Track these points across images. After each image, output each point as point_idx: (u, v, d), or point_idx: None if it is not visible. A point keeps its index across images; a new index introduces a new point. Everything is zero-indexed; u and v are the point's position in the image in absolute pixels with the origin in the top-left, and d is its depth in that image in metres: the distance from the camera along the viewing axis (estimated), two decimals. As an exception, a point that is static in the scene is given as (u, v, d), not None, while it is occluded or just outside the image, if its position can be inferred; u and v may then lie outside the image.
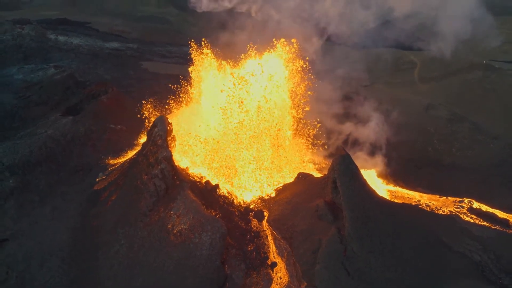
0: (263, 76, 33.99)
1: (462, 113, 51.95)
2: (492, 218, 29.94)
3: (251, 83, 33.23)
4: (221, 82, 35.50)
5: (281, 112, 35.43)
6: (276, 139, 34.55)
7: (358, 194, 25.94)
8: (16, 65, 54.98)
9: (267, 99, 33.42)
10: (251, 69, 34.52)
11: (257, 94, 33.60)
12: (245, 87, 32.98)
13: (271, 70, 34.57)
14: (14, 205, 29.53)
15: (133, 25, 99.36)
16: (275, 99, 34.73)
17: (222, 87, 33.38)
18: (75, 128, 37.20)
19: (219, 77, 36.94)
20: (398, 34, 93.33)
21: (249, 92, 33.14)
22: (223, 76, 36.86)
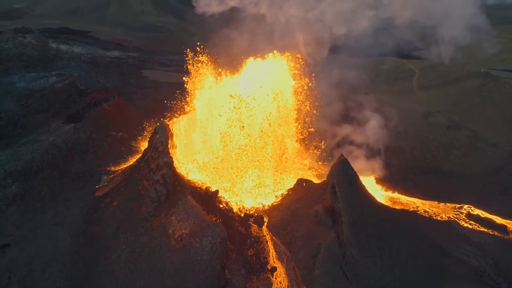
0: (266, 97, 34.24)
1: (460, 120, 52.36)
2: (490, 224, 30.18)
3: (253, 106, 33.37)
4: (219, 97, 35.49)
5: (285, 130, 35.83)
6: (280, 162, 34.92)
7: (356, 199, 26.26)
8: (18, 73, 55.50)
9: (271, 123, 33.70)
10: (252, 86, 34.50)
11: (259, 115, 33.85)
12: (246, 111, 33.14)
13: (274, 86, 34.82)
14: (16, 211, 29.83)
15: (134, 34, 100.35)
16: (279, 121, 35.01)
17: (222, 108, 33.51)
18: (76, 135, 37.54)
19: (216, 89, 36.50)
20: (396, 43, 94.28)
21: (251, 115, 33.40)
22: (221, 88, 36.50)
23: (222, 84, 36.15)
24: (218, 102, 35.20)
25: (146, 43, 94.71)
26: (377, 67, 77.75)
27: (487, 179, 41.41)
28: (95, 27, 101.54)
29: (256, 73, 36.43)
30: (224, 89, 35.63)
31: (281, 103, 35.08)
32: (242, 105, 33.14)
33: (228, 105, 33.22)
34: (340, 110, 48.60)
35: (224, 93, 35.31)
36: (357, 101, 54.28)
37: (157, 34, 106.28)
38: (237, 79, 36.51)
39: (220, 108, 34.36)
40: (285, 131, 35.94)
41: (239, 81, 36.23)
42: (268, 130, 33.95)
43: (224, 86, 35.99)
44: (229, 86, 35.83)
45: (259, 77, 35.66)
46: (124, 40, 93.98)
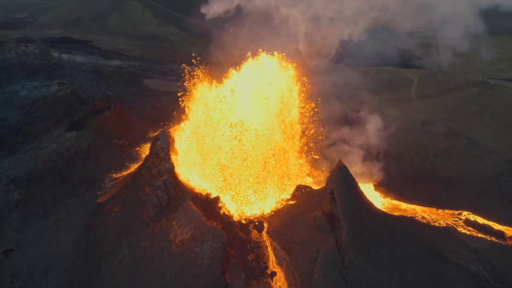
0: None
1: (458, 128, 52.87)
2: (488, 230, 30.52)
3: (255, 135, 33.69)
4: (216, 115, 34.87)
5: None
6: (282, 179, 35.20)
7: (355, 205, 26.63)
8: (20, 82, 56.17)
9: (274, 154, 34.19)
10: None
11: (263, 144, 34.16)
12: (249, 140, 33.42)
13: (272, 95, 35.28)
14: (19, 217, 30.20)
15: (134, 44, 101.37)
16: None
17: (222, 137, 33.42)
18: (78, 143, 37.97)
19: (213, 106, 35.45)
20: (395, 53, 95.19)
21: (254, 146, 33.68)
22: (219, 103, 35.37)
23: (220, 101, 35.08)
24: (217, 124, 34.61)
25: (147, 52, 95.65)
26: (376, 76, 78.59)
27: (485, 186, 41.74)
28: (96, 37, 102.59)
29: (258, 89, 36.09)
30: (223, 106, 34.79)
31: (286, 126, 35.59)
32: (245, 135, 33.18)
33: (229, 135, 33.14)
34: (339, 118, 49.01)
35: (222, 111, 34.73)
36: (356, 110, 54.76)
37: (157, 43, 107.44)
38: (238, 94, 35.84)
39: (218, 132, 34.04)
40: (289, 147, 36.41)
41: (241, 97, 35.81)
42: (272, 160, 34.32)
43: (222, 104, 35.05)
44: (228, 103, 35.02)
45: (262, 92, 35.58)
46: (125, 49, 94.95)
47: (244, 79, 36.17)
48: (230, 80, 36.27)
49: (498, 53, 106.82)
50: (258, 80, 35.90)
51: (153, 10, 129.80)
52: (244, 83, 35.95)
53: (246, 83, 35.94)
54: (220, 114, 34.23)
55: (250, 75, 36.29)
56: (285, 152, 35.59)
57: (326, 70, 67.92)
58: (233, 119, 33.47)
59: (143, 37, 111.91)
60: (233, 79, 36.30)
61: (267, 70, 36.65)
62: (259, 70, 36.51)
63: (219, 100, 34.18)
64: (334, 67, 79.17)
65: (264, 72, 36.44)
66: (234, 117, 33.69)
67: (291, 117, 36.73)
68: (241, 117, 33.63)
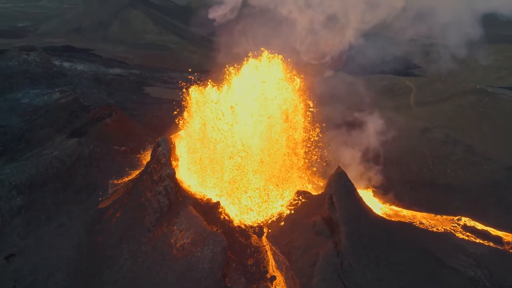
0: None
1: (457, 135, 53.31)
2: (486, 236, 30.73)
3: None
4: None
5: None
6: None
7: (354, 209, 26.98)
8: (22, 90, 56.76)
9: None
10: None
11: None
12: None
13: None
14: (21, 223, 30.54)
15: (135, 52, 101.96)
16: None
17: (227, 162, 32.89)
18: (80, 149, 38.35)
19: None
20: (394, 61, 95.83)
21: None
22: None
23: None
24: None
25: (148, 60, 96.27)
26: (375, 84, 79.09)
27: (483, 192, 42.12)
28: (97, 45, 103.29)
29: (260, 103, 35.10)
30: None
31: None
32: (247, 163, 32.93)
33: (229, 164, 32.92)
34: (338, 124, 49.37)
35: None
36: (354, 117, 55.18)
37: (158, 52, 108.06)
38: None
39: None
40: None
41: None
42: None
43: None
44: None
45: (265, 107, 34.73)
46: (126, 57, 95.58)
47: (246, 94, 35.07)
48: (230, 94, 35.43)
49: (497, 61, 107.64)
50: (261, 96, 34.84)
51: (153, 19, 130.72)
52: (246, 98, 34.90)
53: (248, 98, 34.83)
54: (219, 135, 33.41)
55: (252, 91, 35.17)
56: (288, 171, 35.45)
57: (326, 77, 68.65)
58: (233, 148, 32.69)
59: (144, 45, 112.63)
60: (234, 93, 35.45)
61: (270, 83, 35.78)
62: (262, 86, 35.31)
63: (218, 118, 33.40)
64: (334, 74, 79.90)
65: (267, 88, 35.35)
66: (234, 143, 32.86)
67: (295, 137, 36.24)
68: (242, 141, 32.97)
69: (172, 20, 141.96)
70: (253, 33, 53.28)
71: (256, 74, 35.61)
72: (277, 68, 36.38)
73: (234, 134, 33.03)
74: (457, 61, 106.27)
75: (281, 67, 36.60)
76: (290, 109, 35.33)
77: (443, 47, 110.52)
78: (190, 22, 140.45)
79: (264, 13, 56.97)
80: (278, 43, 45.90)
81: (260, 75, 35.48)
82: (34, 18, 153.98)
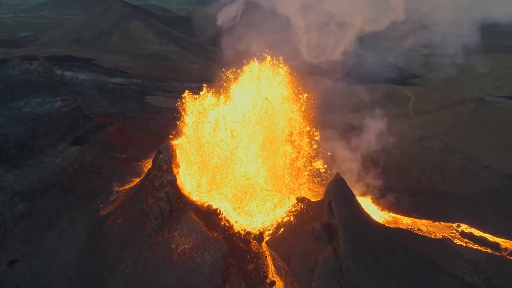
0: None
1: (455, 144, 53.82)
2: (483, 242, 31.05)
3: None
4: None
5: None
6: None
7: (352, 215, 27.33)
8: (24, 99, 57.25)
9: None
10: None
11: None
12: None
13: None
14: (24, 229, 30.91)
15: (136, 62, 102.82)
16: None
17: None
18: (82, 157, 38.81)
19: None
20: (393, 70, 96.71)
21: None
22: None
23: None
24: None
25: (148, 70, 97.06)
26: (375, 93, 79.70)
27: (481, 199, 42.44)
28: (98, 55, 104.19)
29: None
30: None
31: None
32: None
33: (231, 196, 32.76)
34: (338, 132, 49.82)
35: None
36: (354, 126, 55.72)
37: (159, 61, 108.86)
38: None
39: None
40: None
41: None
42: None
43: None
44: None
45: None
46: (127, 67, 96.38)
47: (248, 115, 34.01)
48: (231, 110, 34.43)
49: (494, 71, 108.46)
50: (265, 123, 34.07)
51: (154, 29, 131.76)
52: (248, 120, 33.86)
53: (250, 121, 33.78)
54: (219, 162, 32.98)
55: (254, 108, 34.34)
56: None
57: (326, 87, 69.25)
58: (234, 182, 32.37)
59: (145, 55, 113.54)
60: (235, 110, 34.54)
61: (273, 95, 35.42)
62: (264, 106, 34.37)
63: (217, 144, 33.05)
64: (333, 84, 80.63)
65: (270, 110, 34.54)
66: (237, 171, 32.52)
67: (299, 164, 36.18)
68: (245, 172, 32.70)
69: (173, 30, 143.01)
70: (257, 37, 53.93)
71: (259, 87, 35.21)
72: (282, 82, 36.39)
73: (235, 161, 32.64)
74: (456, 71, 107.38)
75: (286, 77, 36.76)
76: (295, 134, 35.47)
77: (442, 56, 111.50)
78: (191, 32, 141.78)
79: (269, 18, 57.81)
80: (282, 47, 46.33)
81: (262, 86, 35.31)
82: (35, 28, 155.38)
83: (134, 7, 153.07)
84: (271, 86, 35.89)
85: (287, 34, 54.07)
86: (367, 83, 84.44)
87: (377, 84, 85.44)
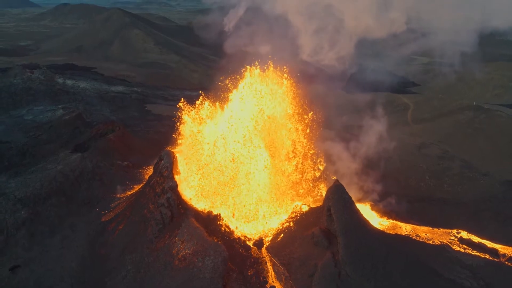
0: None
1: (453, 151, 54.27)
2: (482, 248, 31.20)
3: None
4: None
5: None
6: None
7: (351, 221, 27.59)
8: (26, 107, 57.65)
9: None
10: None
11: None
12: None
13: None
14: (26, 235, 31.12)
15: (136, 70, 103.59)
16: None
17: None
18: (83, 164, 39.10)
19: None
20: (392, 79, 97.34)
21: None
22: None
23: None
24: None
25: (149, 79, 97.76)
26: (374, 101, 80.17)
27: (480, 206, 42.74)
28: (99, 64, 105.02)
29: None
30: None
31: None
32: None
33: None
34: (337, 141, 50.14)
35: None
36: (353, 133, 56.07)
37: (159, 70, 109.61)
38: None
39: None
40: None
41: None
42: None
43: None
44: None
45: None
46: (127, 76, 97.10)
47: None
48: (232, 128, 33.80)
49: (493, 79, 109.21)
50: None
51: (154, 38, 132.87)
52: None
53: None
54: (219, 188, 32.91)
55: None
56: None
57: (325, 96, 69.66)
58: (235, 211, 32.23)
59: (145, 64, 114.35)
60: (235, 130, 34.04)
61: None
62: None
63: (217, 169, 32.88)
64: (333, 93, 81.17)
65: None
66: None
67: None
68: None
69: (173, 40, 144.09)
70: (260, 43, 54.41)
71: (261, 103, 34.72)
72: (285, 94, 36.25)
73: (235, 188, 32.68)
74: (455, 79, 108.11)
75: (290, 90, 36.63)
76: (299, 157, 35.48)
77: (441, 65, 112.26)
78: (191, 42, 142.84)
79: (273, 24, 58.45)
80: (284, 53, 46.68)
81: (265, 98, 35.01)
82: (36, 37, 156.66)
83: (135, 17, 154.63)
84: (274, 98, 35.71)
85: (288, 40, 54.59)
86: (366, 92, 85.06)
87: (376, 93, 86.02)
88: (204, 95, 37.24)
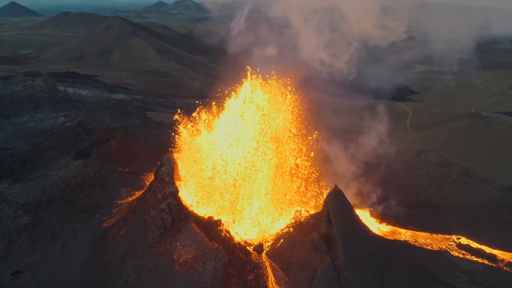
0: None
1: (452, 158, 54.60)
2: (480, 253, 31.47)
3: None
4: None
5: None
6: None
7: (350, 226, 27.88)
8: (27, 114, 58.01)
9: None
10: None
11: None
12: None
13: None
14: (27, 240, 31.40)
15: (138, 78, 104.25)
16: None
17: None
18: (85, 170, 39.48)
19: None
20: (392, 86, 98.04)
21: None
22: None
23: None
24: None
25: (150, 86, 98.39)
26: (373, 109, 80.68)
27: (478, 212, 43.04)
28: (100, 72, 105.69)
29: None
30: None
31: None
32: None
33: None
34: (337, 148, 50.51)
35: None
36: (353, 141, 56.46)
37: (160, 78, 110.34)
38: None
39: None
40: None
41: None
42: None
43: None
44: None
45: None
46: (128, 83, 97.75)
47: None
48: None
49: (492, 87, 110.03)
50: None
51: (155, 47, 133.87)
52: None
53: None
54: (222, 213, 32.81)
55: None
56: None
57: (325, 103, 70.28)
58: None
59: (146, 72, 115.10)
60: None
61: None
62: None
63: (219, 193, 32.98)
64: (332, 100, 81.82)
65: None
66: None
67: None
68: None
69: (174, 48, 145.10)
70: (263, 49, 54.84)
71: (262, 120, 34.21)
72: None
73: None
74: (454, 87, 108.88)
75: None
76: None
77: (440, 73, 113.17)
78: (192, 50, 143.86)
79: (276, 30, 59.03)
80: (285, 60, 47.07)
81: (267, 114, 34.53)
82: (37, 46, 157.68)
83: (136, 25, 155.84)
84: (277, 114, 35.40)
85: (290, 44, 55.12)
86: (366, 99, 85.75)
87: (376, 100, 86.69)
88: (202, 104, 37.14)
